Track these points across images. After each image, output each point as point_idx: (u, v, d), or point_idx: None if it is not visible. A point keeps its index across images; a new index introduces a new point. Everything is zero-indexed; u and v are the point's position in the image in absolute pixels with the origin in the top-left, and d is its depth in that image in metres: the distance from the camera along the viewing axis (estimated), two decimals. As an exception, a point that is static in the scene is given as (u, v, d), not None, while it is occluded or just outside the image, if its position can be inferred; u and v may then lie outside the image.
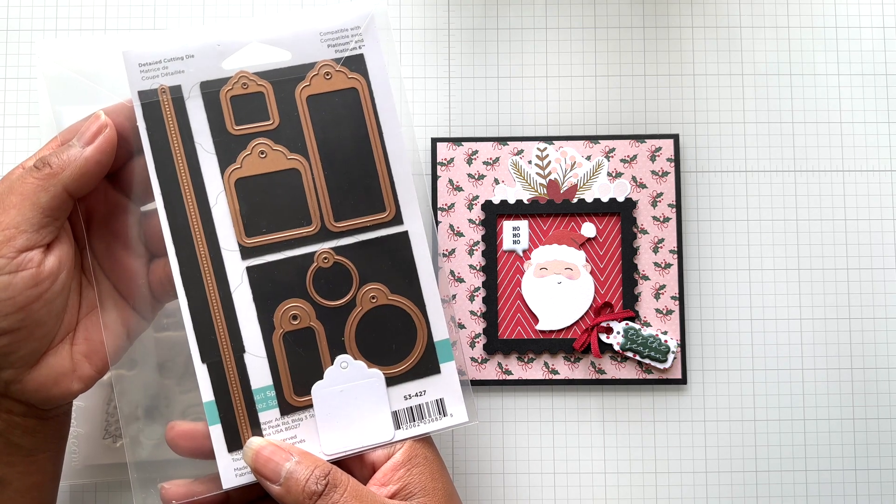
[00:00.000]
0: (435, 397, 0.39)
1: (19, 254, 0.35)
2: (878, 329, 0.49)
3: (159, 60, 0.38)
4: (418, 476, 0.37)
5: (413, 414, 0.39)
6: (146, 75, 0.38)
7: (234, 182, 0.38)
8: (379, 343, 0.39)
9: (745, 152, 0.49)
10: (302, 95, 0.39)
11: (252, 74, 0.39)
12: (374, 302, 0.39)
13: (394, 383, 0.39)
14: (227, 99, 0.38)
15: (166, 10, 0.49)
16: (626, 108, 0.50)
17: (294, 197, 0.39)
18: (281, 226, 0.39)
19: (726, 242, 0.49)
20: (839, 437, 0.48)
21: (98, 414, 0.45)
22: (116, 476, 0.45)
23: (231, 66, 0.39)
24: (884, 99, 0.50)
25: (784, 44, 0.50)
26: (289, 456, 0.36)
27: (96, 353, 0.38)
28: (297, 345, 0.38)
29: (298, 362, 0.38)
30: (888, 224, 0.49)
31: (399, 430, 0.39)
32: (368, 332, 0.39)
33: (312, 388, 0.38)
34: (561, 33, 0.50)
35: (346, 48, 0.39)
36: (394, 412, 0.39)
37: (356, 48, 0.39)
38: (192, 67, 0.38)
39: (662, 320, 0.48)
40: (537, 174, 0.48)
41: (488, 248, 0.48)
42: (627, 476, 0.48)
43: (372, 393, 0.39)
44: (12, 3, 0.49)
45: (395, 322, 0.39)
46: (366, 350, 0.39)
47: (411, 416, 0.39)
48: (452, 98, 0.49)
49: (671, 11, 0.50)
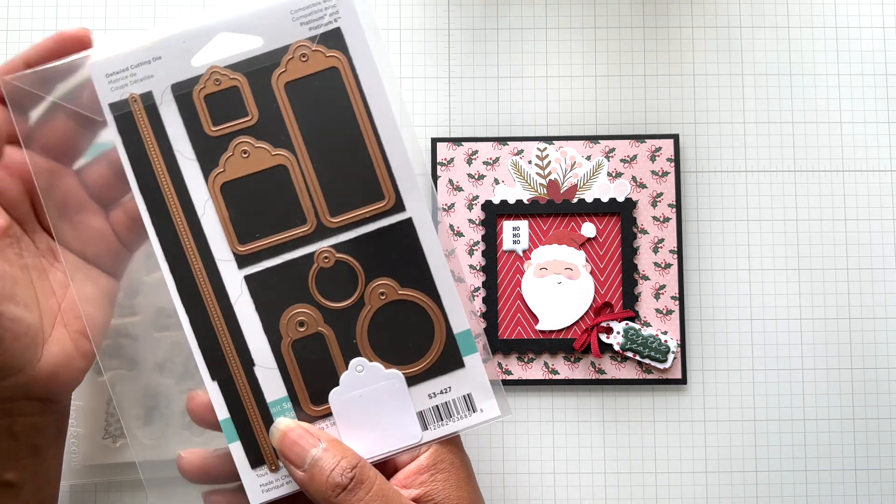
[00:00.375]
0: (461, 393, 0.37)
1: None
2: (878, 329, 0.49)
3: (126, 67, 0.36)
4: (442, 483, 0.36)
5: (440, 412, 0.37)
6: (115, 85, 0.36)
7: (220, 187, 0.36)
8: (394, 341, 0.37)
9: (745, 152, 0.49)
10: (279, 83, 0.36)
11: (224, 68, 0.36)
12: (383, 299, 0.37)
13: (415, 382, 0.37)
14: (202, 98, 0.36)
15: (166, 11, 0.49)
16: (626, 108, 0.50)
17: (285, 195, 0.36)
18: (275, 228, 0.37)
19: (726, 242, 0.49)
20: (839, 437, 0.48)
21: (98, 414, 0.45)
22: (116, 476, 0.45)
23: (201, 63, 0.36)
24: (884, 99, 0.50)
25: (784, 44, 0.50)
26: (316, 442, 0.35)
27: (76, 320, 0.37)
28: (308, 352, 0.37)
29: (311, 370, 0.37)
30: (888, 224, 0.49)
31: (427, 430, 0.37)
32: (382, 331, 0.37)
33: (329, 395, 0.37)
34: (561, 33, 0.50)
35: (321, 23, 0.36)
36: (419, 412, 0.37)
37: (331, 21, 0.36)
38: (160, 70, 0.36)
39: (662, 320, 0.48)
40: (537, 174, 0.48)
41: (488, 248, 0.48)
42: (627, 476, 0.48)
43: (393, 395, 0.36)
44: (12, 3, 0.49)
45: (410, 317, 0.37)
46: (381, 350, 0.37)
47: (438, 416, 0.37)
48: (452, 98, 0.49)
49: (671, 11, 0.50)
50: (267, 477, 0.36)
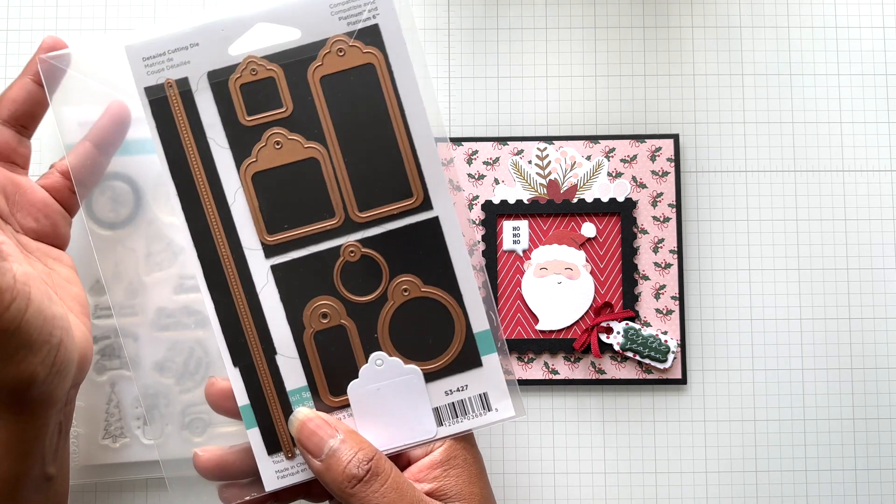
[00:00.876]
0: (478, 392, 0.38)
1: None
2: (878, 329, 0.49)
3: (163, 52, 0.36)
4: (455, 478, 0.36)
5: (455, 410, 0.37)
6: (151, 70, 0.36)
7: (252, 177, 0.37)
8: (414, 338, 0.37)
9: (745, 152, 0.49)
10: (315, 77, 0.36)
11: (260, 59, 0.36)
12: (406, 295, 0.37)
13: (433, 379, 0.37)
14: (237, 88, 0.36)
15: (167, 10, 0.49)
16: (626, 108, 0.50)
17: (315, 188, 0.37)
18: (304, 220, 0.37)
19: (726, 242, 0.49)
20: (839, 437, 0.48)
21: (98, 414, 0.45)
22: (116, 476, 0.45)
23: (238, 52, 0.36)
24: (884, 99, 0.50)
25: (784, 44, 0.50)
26: (334, 432, 0.35)
27: (81, 304, 0.38)
28: (329, 343, 0.37)
29: (332, 361, 0.37)
30: (888, 224, 0.49)
31: (441, 426, 0.37)
32: (403, 327, 0.37)
33: (348, 387, 0.37)
34: (561, 33, 0.50)
35: (359, 19, 0.36)
36: (435, 408, 0.37)
37: (370, 18, 0.36)
38: (197, 57, 0.36)
39: (662, 320, 0.48)
40: (537, 174, 0.48)
41: (488, 248, 0.48)
42: (627, 476, 0.48)
43: (411, 390, 0.37)
44: (12, 3, 0.49)
45: (431, 315, 0.37)
46: (401, 346, 0.37)
47: (454, 412, 0.37)
48: (452, 98, 0.49)
49: (671, 11, 0.50)
50: (283, 464, 0.37)
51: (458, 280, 0.37)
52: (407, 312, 0.37)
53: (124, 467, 0.45)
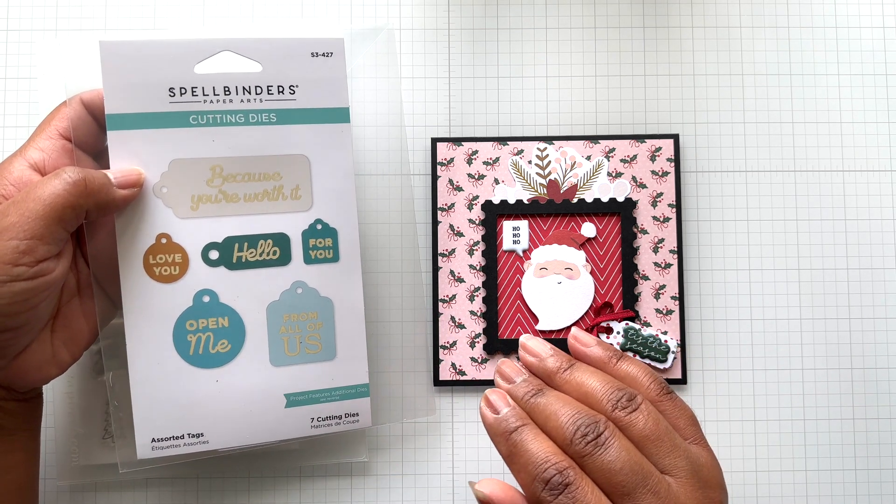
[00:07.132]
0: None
1: (38, 263, 0.36)
2: (878, 329, 0.49)
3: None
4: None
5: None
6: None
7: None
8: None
9: (745, 152, 0.49)
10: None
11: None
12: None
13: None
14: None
15: (167, 11, 0.49)
16: (626, 108, 0.50)
17: None
18: None
19: (726, 242, 0.49)
20: (839, 437, 0.48)
21: (98, 414, 0.45)
22: (116, 476, 0.45)
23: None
24: (884, 99, 0.50)
25: (784, 44, 0.50)
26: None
27: (73, 340, 0.40)
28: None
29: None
30: (888, 224, 0.49)
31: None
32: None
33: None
34: (561, 33, 0.50)
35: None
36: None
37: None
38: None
39: (662, 320, 0.48)
40: (537, 174, 0.48)
41: (488, 248, 0.48)
42: (627, 476, 0.48)
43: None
44: (12, 3, 0.49)
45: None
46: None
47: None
48: (452, 98, 0.49)
49: (671, 11, 0.50)
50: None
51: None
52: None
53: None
